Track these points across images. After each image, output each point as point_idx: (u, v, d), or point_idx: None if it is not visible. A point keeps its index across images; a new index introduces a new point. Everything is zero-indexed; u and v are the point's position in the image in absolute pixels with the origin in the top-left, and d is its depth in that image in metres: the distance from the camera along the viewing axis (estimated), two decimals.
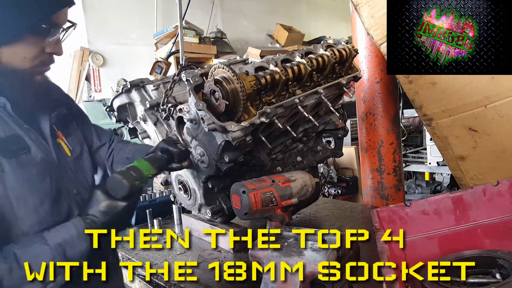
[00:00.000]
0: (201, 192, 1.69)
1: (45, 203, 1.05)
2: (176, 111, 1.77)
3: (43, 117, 1.17)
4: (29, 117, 1.11)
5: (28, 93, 1.09)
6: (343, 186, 3.98)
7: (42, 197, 1.05)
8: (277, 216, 1.32)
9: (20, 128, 1.06)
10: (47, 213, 1.05)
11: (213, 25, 6.41)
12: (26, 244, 0.98)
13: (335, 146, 1.95)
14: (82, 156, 1.28)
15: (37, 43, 1.04)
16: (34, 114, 1.15)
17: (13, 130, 1.04)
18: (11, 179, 0.99)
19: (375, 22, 2.04)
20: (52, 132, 1.17)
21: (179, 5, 3.72)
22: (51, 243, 0.99)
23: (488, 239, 1.24)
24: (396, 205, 1.34)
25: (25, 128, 1.07)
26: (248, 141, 1.40)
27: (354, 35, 2.41)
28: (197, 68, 1.78)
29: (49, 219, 1.05)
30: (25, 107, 1.11)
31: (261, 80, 1.40)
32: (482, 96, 1.89)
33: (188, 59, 1.98)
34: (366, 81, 2.35)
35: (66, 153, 1.21)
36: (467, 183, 2.15)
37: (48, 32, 1.04)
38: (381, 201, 2.39)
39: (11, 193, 0.99)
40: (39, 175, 1.05)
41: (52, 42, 1.06)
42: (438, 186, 4.18)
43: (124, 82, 1.94)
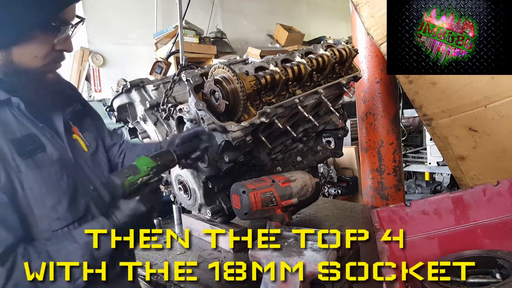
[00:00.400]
0: (201, 192, 1.69)
1: (63, 201, 1.06)
2: (176, 111, 1.77)
3: (57, 115, 1.17)
4: (43, 116, 1.12)
5: (41, 92, 1.10)
6: (343, 186, 3.98)
7: (59, 195, 1.05)
8: (277, 216, 1.32)
9: (35, 127, 1.07)
10: (65, 210, 1.06)
11: (213, 25, 6.40)
12: (57, 241, 1.01)
13: (335, 146, 1.95)
14: (98, 151, 1.28)
15: (47, 41, 1.04)
16: (48, 112, 1.16)
17: (28, 129, 1.05)
18: (28, 179, 1.00)
19: (375, 22, 2.04)
20: (67, 128, 1.17)
21: (179, 5, 3.72)
22: (80, 241, 1.01)
23: (488, 239, 1.24)
24: (396, 205, 1.34)
25: (39, 127, 1.08)
26: (248, 141, 1.40)
27: (354, 35, 2.41)
28: (197, 68, 1.78)
29: (67, 217, 1.06)
30: (38, 106, 1.11)
31: (261, 80, 1.40)
32: (482, 96, 1.89)
33: (188, 59, 1.99)
34: (366, 81, 2.35)
35: (83, 148, 1.21)
36: (467, 183, 2.15)
37: (58, 30, 1.04)
38: (381, 201, 2.39)
39: (29, 193, 1.00)
40: (56, 174, 1.06)
41: (61, 39, 1.06)
42: (438, 186, 4.18)
43: (124, 82, 1.94)
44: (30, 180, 1.00)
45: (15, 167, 0.99)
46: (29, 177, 1.00)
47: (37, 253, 0.96)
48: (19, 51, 1.02)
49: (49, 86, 1.11)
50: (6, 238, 0.94)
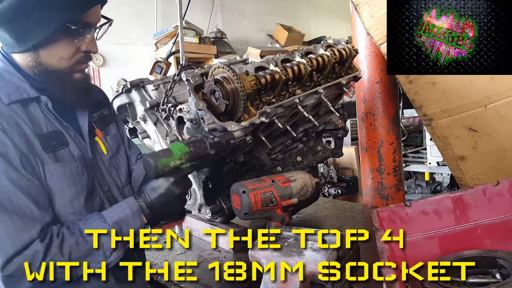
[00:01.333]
0: (201, 192, 1.69)
1: (80, 196, 1.13)
2: (176, 111, 1.77)
3: (83, 116, 1.24)
4: (69, 116, 1.19)
5: (69, 91, 1.15)
6: (343, 186, 3.99)
7: (78, 190, 1.12)
8: (277, 216, 1.32)
9: (60, 125, 1.14)
10: (82, 206, 1.12)
11: (213, 25, 6.40)
12: (87, 222, 1.08)
13: (335, 146, 1.95)
14: (118, 155, 1.34)
15: (71, 43, 1.10)
16: (74, 112, 1.22)
17: (54, 126, 1.12)
18: (51, 171, 1.07)
19: (375, 22, 2.03)
20: (90, 130, 1.24)
21: (179, 5, 3.72)
22: (109, 221, 1.08)
23: (488, 239, 1.24)
24: (396, 205, 1.34)
25: (64, 125, 1.15)
26: (248, 141, 1.39)
27: (354, 35, 2.41)
28: (197, 68, 1.78)
29: (82, 212, 1.12)
30: (66, 105, 1.17)
31: (261, 80, 1.40)
32: (482, 96, 1.89)
33: (188, 59, 1.98)
34: (366, 81, 2.35)
35: (102, 151, 1.28)
36: (467, 183, 2.14)
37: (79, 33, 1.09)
38: (381, 201, 2.39)
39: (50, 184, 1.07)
40: (78, 170, 1.13)
41: (86, 41, 1.12)
42: (438, 186, 4.18)
43: (124, 82, 1.94)
44: (53, 172, 1.07)
45: (42, 158, 1.06)
46: (51, 169, 1.07)
47: (70, 232, 1.04)
48: (46, 53, 1.09)
49: (76, 86, 1.16)
50: (44, 216, 1.02)
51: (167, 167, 1.11)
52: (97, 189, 1.20)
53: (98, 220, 1.08)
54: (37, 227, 0.99)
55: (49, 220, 1.03)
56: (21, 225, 0.98)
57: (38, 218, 1.01)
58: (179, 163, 1.13)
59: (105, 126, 1.34)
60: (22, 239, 0.97)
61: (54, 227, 1.03)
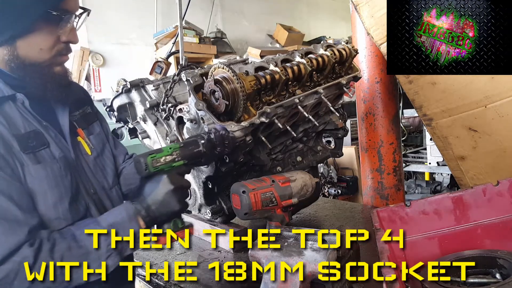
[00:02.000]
0: (201, 192, 1.69)
1: (64, 200, 1.06)
2: (176, 111, 1.77)
3: (63, 114, 1.17)
4: (48, 114, 1.12)
5: (49, 85, 1.09)
6: (343, 186, 3.99)
7: (61, 193, 1.05)
8: (277, 216, 1.32)
9: (39, 124, 1.07)
10: (66, 210, 1.06)
11: (213, 25, 6.40)
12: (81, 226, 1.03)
13: (335, 146, 1.95)
14: (103, 155, 1.28)
15: (51, 32, 1.04)
16: (54, 111, 1.16)
17: (33, 126, 1.05)
18: (31, 174, 1.01)
19: (375, 22, 2.03)
20: (71, 129, 1.17)
21: (179, 5, 3.72)
22: (104, 225, 1.03)
23: (488, 239, 1.24)
24: (396, 205, 1.34)
25: (44, 125, 1.08)
26: (248, 141, 1.39)
27: (354, 35, 2.41)
28: (197, 68, 1.78)
29: (67, 216, 1.06)
30: (45, 102, 1.11)
31: (261, 80, 1.40)
32: (482, 96, 1.89)
33: (188, 59, 1.98)
34: (366, 81, 2.35)
35: (86, 151, 1.21)
36: (467, 183, 2.14)
37: (60, 20, 1.04)
38: (381, 201, 2.39)
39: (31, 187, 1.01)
40: (60, 171, 1.06)
41: (66, 30, 1.06)
42: (438, 186, 4.18)
43: (124, 82, 1.94)
44: (33, 174, 1.01)
45: (21, 160, 1.00)
46: (31, 171, 1.01)
47: (62, 237, 0.98)
48: (24, 44, 1.02)
49: (56, 80, 1.10)
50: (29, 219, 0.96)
51: (157, 162, 1.10)
52: (82, 192, 1.13)
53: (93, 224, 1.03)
54: (24, 230, 0.94)
55: (36, 223, 0.97)
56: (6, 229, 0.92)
57: (24, 221, 0.95)
58: (170, 158, 1.11)
59: (88, 125, 1.26)
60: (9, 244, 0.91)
61: (43, 231, 0.98)
